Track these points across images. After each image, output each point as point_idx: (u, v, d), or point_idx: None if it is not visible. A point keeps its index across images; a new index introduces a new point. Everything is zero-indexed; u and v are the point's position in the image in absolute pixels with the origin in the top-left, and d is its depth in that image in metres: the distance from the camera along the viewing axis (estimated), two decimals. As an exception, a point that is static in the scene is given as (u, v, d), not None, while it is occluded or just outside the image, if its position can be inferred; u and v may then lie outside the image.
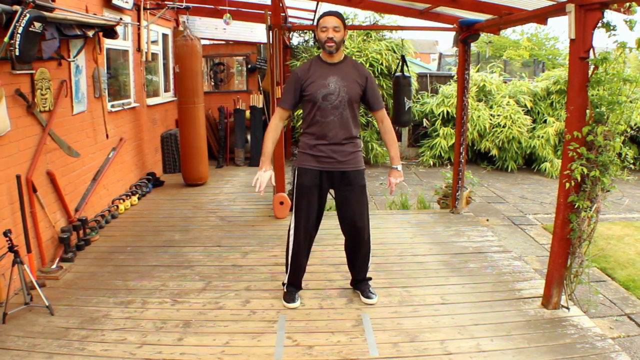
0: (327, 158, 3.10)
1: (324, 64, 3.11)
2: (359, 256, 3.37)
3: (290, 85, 3.12)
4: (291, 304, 3.30)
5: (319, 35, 3.05)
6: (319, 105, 3.05)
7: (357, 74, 3.12)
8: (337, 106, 3.05)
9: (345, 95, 3.05)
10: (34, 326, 3.05)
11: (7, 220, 3.48)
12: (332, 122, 3.06)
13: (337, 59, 3.11)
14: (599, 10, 2.83)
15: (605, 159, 2.92)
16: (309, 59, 3.21)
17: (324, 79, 3.05)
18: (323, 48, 3.06)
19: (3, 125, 3.41)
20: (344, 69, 3.11)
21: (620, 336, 3.47)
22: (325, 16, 3.05)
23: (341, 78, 3.06)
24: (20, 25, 3.16)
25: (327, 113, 3.05)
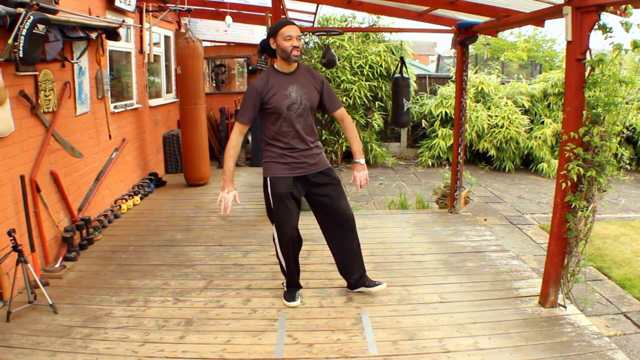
0: (298, 164, 3.08)
1: (282, 75, 3.05)
2: (354, 249, 3.33)
3: (249, 99, 3.02)
4: (292, 303, 3.30)
5: (281, 45, 2.95)
6: (285, 116, 3.01)
7: (313, 80, 3.12)
8: (302, 114, 3.04)
9: (308, 103, 3.05)
10: (37, 324, 3.05)
11: (11, 219, 3.49)
12: (299, 131, 3.05)
13: (293, 68, 3.07)
14: (596, 13, 2.83)
15: (602, 160, 2.92)
16: (264, 72, 3.11)
17: (284, 89, 3.00)
18: (287, 57, 2.98)
19: (7, 126, 3.42)
20: (301, 76, 3.08)
21: (617, 334, 3.47)
22: (287, 25, 2.98)
23: (300, 86, 3.04)
24: (24, 27, 3.17)
25: (293, 122, 3.03)
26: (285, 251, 3.19)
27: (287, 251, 3.19)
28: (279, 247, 3.20)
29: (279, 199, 3.07)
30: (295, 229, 3.15)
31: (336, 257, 3.40)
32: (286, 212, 3.09)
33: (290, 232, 3.12)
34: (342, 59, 8.69)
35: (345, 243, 3.31)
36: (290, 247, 3.18)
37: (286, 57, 2.98)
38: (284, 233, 3.12)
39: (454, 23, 5.06)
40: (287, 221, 3.10)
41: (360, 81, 8.69)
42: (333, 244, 3.35)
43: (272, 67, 3.09)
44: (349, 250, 3.33)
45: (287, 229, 3.11)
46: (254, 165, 8.20)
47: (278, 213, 3.11)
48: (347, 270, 3.42)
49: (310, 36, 9.05)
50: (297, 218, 3.17)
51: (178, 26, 8.02)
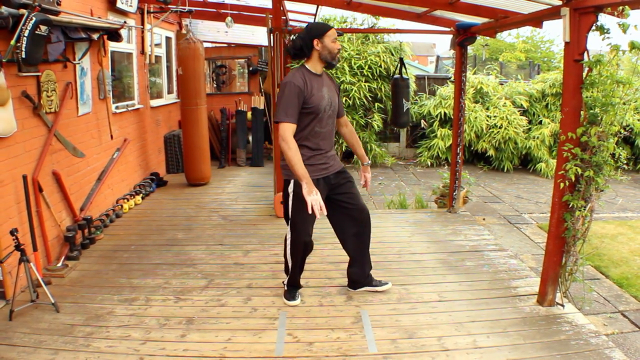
0: (322, 165, 3.06)
1: (315, 75, 3.00)
2: (368, 243, 3.37)
3: (294, 98, 2.86)
4: (292, 302, 3.30)
5: (329, 46, 2.93)
6: (320, 117, 2.97)
7: (334, 85, 3.16)
8: (331, 116, 3.07)
9: (335, 105, 3.09)
10: (40, 323, 3.05)
11: (13, 219, 3.49)
12: (327, 132, 3.06)
13: (321, 71, 3.06)
14: (593, 14, 2.83)
15: (599, 160, 2.92)
16: (296, 70, 3.00)
17: (319, 90, 2.97)
18: (332, 59, 2.97)
19: (10, 126, 3.42)
20: (327, 80, 3.09)
21: (614, 333, 3.47)
22: (332, 28, 2.96)
23: (328, 88, 3.05)
24: (26, 28, 3.17)
25: (324, 123, 3.02)
26: (295, 254, 3.16)
27: (297, 255, 3.16)
28: (290, 249, 3.15)
29: (303, 203, 2.86)
30: (310, 236, 3.10)
31: (352, 254, 3.37)
32: (306, 218, 2.97)
33: (305, 239, 3.07)
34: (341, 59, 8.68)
35: (363, 239, 3.33)
36: (301, 252, 3.14)
37: (331, 58, 2.97)
38: (299, 238, 3.07)
39: (452, 24, 5.06)
40: (304, 228, 3.04)
41: (359, 82, 8.69)
42: (351, 241, 3.31)
43: (305, 67, 3.01)
44: (366, 246, 3.37)
45: (303, 235, 3.05)
46: (255, 165, 8.20)
47: (297, 217, 3.03)
48: (361, 266, 3.41)
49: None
50: (313, 224, 3.12)
51: (179, 27, 8.02)
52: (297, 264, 3.22)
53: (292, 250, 3.14)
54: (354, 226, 3.26)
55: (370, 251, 3.42)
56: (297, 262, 3.21)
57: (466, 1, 4.15)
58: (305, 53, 2.99)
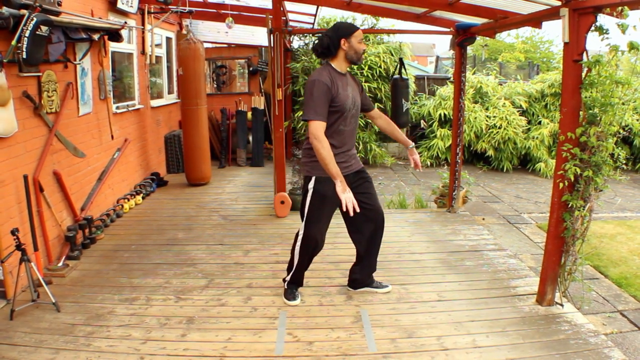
0: (345, 163, 3.04)
1: (340, 74, 3.00)
2: (379, 245, 3.39)
3: (322, 95, 2.85)
4: (293, 302, 3.29)
5: (356, 46, 2.95)
6: (345, 115, 2.98)
7: (356, 83, 3.17)
8: (354, 114, 3.07)
9: (358, 104, 3.11)
10: (40, 322, 3.05)
11: (14, 219, 3.49)
12: (351, 130, 3.07)
13: (346, 70, 3.07)
14: (592, 14, 2.83)
15: (598, 160, 2.92)
16: (322, 68, 2.99)
17: (344, 89, 2.98)
18: (357, 59, 2.99)
19: (11, 126, 3.42)
20: (350, 79, 3.10)
21: (613, 332, 3.47)
22: (359, 29, 2.99)
23: (352, 87, 3.06)
24: (27, 28, 3.17)
25: (348, 122, 3.02)
26: (305, 251, 3.15)
27: (306, 252, 3.15)
28: (300, 245, 3.15)
29: (321, 201, 2.98)
30: (323, 234, 3.10)
31: (362, 254, 3.38)
32: (322, 216, 3.03)
33: (317, 236, 3.07)
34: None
35: (376, 241, 3.34)
36: (311, 250, 3.13)
37: (357, 58, 2.99)
38: (312, 235, 3.06)
39: (452, 25, 5.06)
40: (318, 225, 3.05)
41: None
42: (363, 241, 3.31)
43: (331, 66, 3.00)
44: (377, 248, 3.39)
45: (316, 232, 3.05)
46: (255, 165, 8.20)
47: (313, 214, 3.03)
48: (367, 267, 3.43)
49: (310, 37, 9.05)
50: (328, 223, 3.13)
51: (179, 28, 8.02)
52: (305, 262, 3.21)
53: (302, 246, 3.13)
54: (369, 227, 3.26)
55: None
56: (305, 260, 3.20)
57: (466, 2, 4.15)
58: (331, 52, 2.99)
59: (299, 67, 8.64)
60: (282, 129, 5.24)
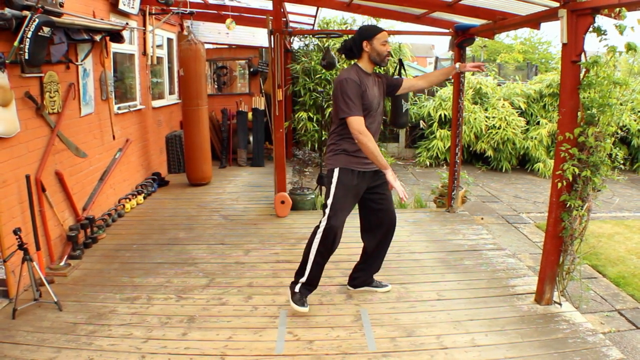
0: (366, 159, 3.02)
1: (366, 74, 3.05)
2: (388, 247, 3.40)
3: (355, 92, 2.91)
4: (302, 308, 3.08)
5: (378, 48, 2.98)
6: (372, 113, 3.02)
7: (380, 80, 3.18)
8: (379, 112, 3.12)
9: (382, 102, 3.16)
10: (42, 321, 3.05)
11: (16, 218, 3.49)
12: (375, 127, 3.09)
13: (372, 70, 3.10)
14: (590, 16, 2.83)
15: (596, 160, 2.92)
16: (350, 68, 3.04)
17: (371, 88, 3.03)
18: (380, 61, 3.01)
19: (13, 126, 3.42)
20: (375, 78, 3.14)
21: (611, 331, 3.47)
22: (383, 31, 3.01)
23: (377, 87, 3.11)
24: (29, 30, 3.17)
25: (373, 119, 3.05)
26: (323, 245, 3.01)
27: (325, 246, 3.01)
28: (319, 239, 3.01)
29: (345, 189, 3.02)
30: (342, 227, 3.04)
31: (369, 254, 3.38)
32: (345, 206, 3.04)
33: (339, 227, 3.01)
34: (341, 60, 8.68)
35: (386, 241, 3.35)
36: (330, 243, 3.01)
37: (380, 60, 3.01)
38: (333, 225, 2.98)
39: (451, 26, 5.06)
40: (341, 215, 3.01)
41: (359, 83, 8.69)
42: (374, 242, 3.32)
43: (358, 66, 3.04)
44: (385, 250, 3.40)
45: (338, 223, 2.99)
46: (255, 165, 8.20)
47: (336, 204, 3.00)
48: (372, 267, 3.44)
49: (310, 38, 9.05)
50: (348, 214, 3.09)
51: (180, 29, 8.02)
52: (321, 259, 3.06)
53: (323, 239, 3.00)
54: (381, 229, 3.27)
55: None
56: (322, 257, 3.05)
57: (465, 3, 4.15)
58: (355, 54, 3.05)
59: (299, 68, 8.64)
60: (282, 129, 5.24)
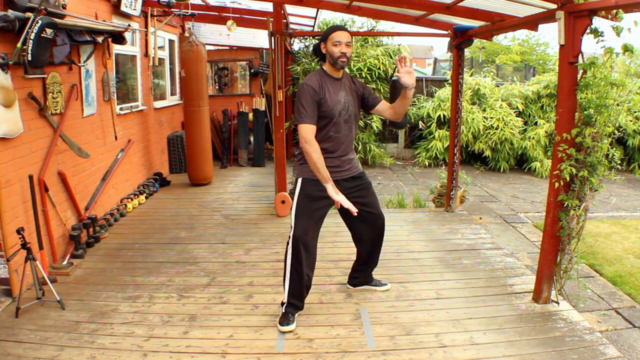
0: (335, 168, 2.94)
1: (332, 79, 2.92)
2: (380, 247, 3.36)
3: (309, 99, 2.81)
4: (286, 327, 2.94)
5: (330, 49, 2.84)
6: (335, 121, 2.89)
7: (354, 86, 3.04)
8: (347, 120, 2.96)
9: (353, 110, 2.98)
10: (45, 320, 3.05)
11: (20, 218, 3.49)
12: (343, 137, 2.96)
13: (341, 74, 2.96)
14: (588, 17, 2.83)
15: (594, 160, 2.92)
16: (314, 72, 2.93)
17: (335, 94, 2.89)
18: (334, 63, 2.85)
19: (16, 127, 3.42)
20: (346, 83, 2.99)
21: (608, 329, 3.47)
22: (337, 30, 2.86)
23: (346, 93, 2.95)
24: (32, 31, 3.17)
25: (340, 128, 2.92)
26: (294, 257, 2.89)
27: (296, 257, 2.88)
28: (290, 251, 2.91)
29: (306, 199, 2.89)
30: (307, 234, 2.89)
31: (362, 255, 3.36)
32: (308, 217, 2.90)
33: (304, 237, 2.87)
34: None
35: (376, 244, 3.31)
36: (300, 253, 2.86)
37: (333, 62, 2.86)
38: (297, 235, 2.87)
39: (450, 27, 5.05)
40: (304, 227, 2.88)
41: (359, 84, 8.69)
42: (366, 244, 3.29)
43: (323, 71, 2.93)
44: (378, 250, 3.36)
45: (302, 233, 2.87)
46: (256, 165, 8.20)
47: (299, 214, 2.90)
48: (368, 267, 3.42)
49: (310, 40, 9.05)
50: (316, 225, 2.97)
51: (182, 30, 8.01)
52: (297, 272, 2.92)
53: (292, 250, 2.89)
54: (369, 233, 3.23)
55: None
56: (297, 270, 2.91)
57: (463, 5, 4.15)
58: (319, 56, 2.98)
59: (300, 69, 8.64)
60: (282, 130, 5.24)
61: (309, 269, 2.99)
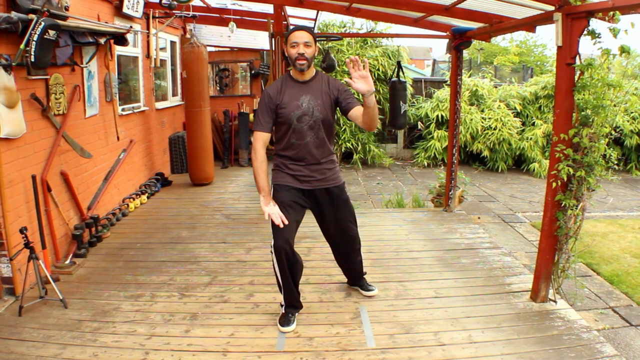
0: (305, 177, 2.85)
1: (296, 83, 2.80)
2: (355, 264, 3.29)
3: (263, 106, 2.77)
4: (286, 328, 2.92)
5: (288, 52, 2.71)
6: (294, 128, 2.76)
7: (328, 89, 2.82)
8: (312, 126, 2.78)
9: (320, 115, 2.77)
10: (48, 319, 3.05)
11: (23, 218, 3.49)
12: (308, 144, 2.79)
13: (309, 76, 2.81)
14: (585, 19, 2.83)
15: (591, 160, 2.92)
16: (280, 77, 2.86)
17: (296, 99, 2.75)
18: (293, 65, 2.73)
19: (19, 128, 3.42)
20: (316, 86, 2.80)
21: (605, 328, 3.47)
22: (295, 31, 2.73)
23: (314, 97, 2.77)
24: (35, 33, 3.17)
25: (303, 135, 2.77)
26: (280, 264, 2.81)
27: (281, 264, 2.81)
28: (274, 260, 2.84)
29: (280, 206, 2.79)
30: (287, 242, 2.76)
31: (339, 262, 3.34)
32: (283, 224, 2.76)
33: (282, 243, 2.74)
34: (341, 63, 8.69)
35: (348, 260, 3.27)
36: (283, 260, 2.78)
37: (292, 63, 2.74)
38: (276, 244, 2.76)
39: (448, 29, 5.05)
40: (280, 230, 2.74)
41: (358, 85, 8.68)
42: (336, 255, 3.29)
43: (288, 74, 2.84)
44: (350, 265, 3.31)
45: (280, 241, 2.74)
46: (257, 166, 8.18)
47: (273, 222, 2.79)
48: (349, 273, 3.41)
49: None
50: (292, 231, 2.84)
51: (183, 32, 8.01)
52: (285, 277, 2.87)
53: (276, 260, 2.82)
54: (340, 248, 3.19)
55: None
56: (284, 275, 2.86)
57: (462, 6, 4.15)
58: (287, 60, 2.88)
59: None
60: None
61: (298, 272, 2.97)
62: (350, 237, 3.12)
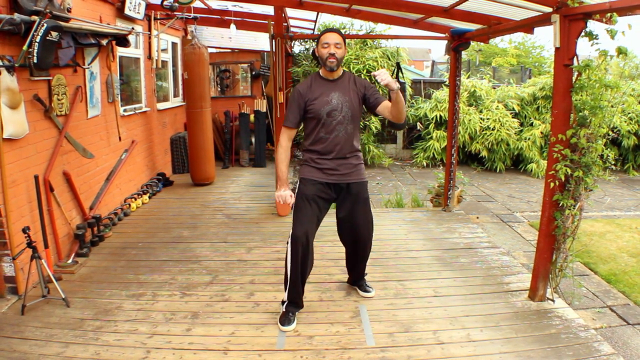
0: (332, 170, 2.93)
1: (325, 81, 2.93)
2: (362, 264, 3.32)
3: (294, 103, 2.90)
4: (286, 327, 2.93)
5: (320, 52, 2.86)
6: (324, 122, 2.88)
7: (355, 87, 2.96)
8: (341, 122, 2.89)
9: (349, 111, 2.90)
10: (50, 317, 3.05)
11: (25, 217, 3.49)
12: (336, 138, 2.90)
13: (337, 75, 2.94)
14: (582, 21, 2.83)
15: (588, 160, 2.92)
16: (309, 76, 3.01)
17: (326, 95, 2.88)
18: (324, 64, 2.87)
19: (22, 128, 3.42)
20: (344, 84, 2.94)
21: (603, 327, 3.47)
22: (326, 32, 2.87)
23: (342, 94, 2.90)
24: (38, 34, 3.17)
25: (331, 129, 2.89)
26: (293, 256, 2.86)
27: (295, 255, 2.86)
28: (289, 250, 2.89)
29: (303, 199, 2.91)
30: (305, 234, 2.84)
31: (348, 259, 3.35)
32: (304, 213, 2.90)
33: (300, 234, 2.83)
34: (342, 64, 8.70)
35: (355, 256, 3.28)
36: (299, 253, 2.84)
37: (323, 64, 2.87)
38: (295, 234, 2.85)
39: (447, 30, 5.05)
40: (300, 222, 2.87)
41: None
42: (347, 253, 3.31)
43: (317, 74, 2.97)
44: (358, 261, 3.32)
45: (299, 232, 2.84)
46: (257, 166, 8.20)
47: (296, 212, 2.93)
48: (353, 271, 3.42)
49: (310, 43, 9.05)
50: (313, 224, 2.92)
51: (185, 33, 8.01)
52: (297, 271, 2.90)
53: (291, 250, 2.87)
54: (352, 245, 3.21)
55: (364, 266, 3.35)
56: (296, 269, 2.89)
57: (460, 8, 4.15)
58: (317, 60, 2.99)
59: (300, 71, 8.63)
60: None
61: (309, 268, 3.00)
62: (364, 235, 3.15)
